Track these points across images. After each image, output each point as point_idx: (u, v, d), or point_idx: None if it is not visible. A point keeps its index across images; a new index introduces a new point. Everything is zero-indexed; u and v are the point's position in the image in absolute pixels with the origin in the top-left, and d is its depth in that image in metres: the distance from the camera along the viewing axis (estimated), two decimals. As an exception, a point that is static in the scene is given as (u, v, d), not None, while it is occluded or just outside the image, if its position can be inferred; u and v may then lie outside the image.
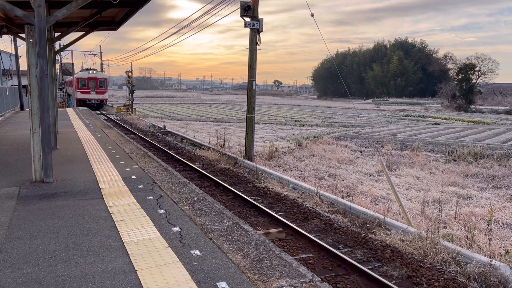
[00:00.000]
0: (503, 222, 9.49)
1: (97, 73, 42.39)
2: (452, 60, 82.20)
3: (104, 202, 5.94)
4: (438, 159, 17.69)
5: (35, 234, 4.67)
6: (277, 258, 4.11)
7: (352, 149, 20.42)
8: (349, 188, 12.33)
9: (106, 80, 42.48)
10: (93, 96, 40.73)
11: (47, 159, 6.98)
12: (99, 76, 42.07)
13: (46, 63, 6.84)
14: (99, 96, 41.12)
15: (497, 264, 6.24)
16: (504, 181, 13.65)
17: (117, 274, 3.73)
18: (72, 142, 11.83)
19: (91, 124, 17.22)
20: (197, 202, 5.93)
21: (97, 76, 41.57)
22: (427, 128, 32.23)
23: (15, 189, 6.60)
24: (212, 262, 3.97)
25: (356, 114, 44.11)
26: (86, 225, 4.99)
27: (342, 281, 6.27)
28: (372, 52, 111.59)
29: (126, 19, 14.06)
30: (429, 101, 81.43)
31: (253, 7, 13.88)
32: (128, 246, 4.36)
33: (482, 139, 24.20)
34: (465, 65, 59.08)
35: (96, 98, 40.75)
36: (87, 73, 41.52)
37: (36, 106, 6.94)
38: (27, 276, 3.68)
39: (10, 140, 12.32)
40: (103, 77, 42.23)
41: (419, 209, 10.05)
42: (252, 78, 14.45)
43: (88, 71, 42.16)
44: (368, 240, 7.62)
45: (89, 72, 41.54)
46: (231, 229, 4.87)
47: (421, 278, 6.24)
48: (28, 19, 6.88)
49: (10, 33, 15.60)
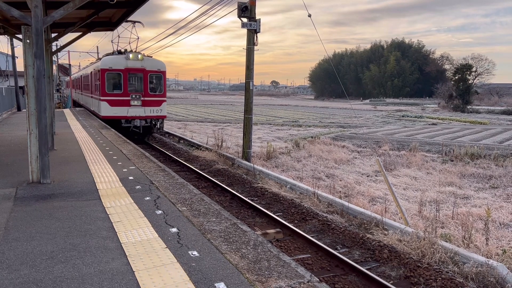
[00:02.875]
0: (500, 222, 9.52)
1: (145, 60, 18.88)
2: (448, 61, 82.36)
3: (102, 203, 5.93)
4: (435, 159, 17.73)
5: (32, 235, 4.65)
6: (275, 258, 4.11)
7: (350, 149, 20.45)
8: (346, 188, 12.34)
9: (163, 75, 19.33)
10: (138, 111, 18.50)
11: (44, 160, 6.95)
12: (150, 66, 18.88)
13: (43, 63, 6.81)
14: (151, 111, 18.84)
15: (494, 264, 6.26)
16: (501, 181, 13.70)
17: (115, 275, 3.72)
18: (69, 143, 11.80)
19: (88, 125, 17.19)
20: (194, 203, 5.92)
21: (145, 66, 18.67)
22: (424, 129, 32.30)
23: (12, 190, 6.57)
24: (210, 263, 3.96)
25: (354, 115, 44.18)
26: (84, 226, 4.97)
27: (340, 281, 6.27)
28: (369, 53, 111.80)
29: (123, 19, 14.04)
30: (426, 101, 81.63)
31: (250, 8, 13.88)
32: (125, 247, 4.35)
33: (479, 139, 24.27)
34: (462, 66, 59.28)
35: (144, 116, 18.62)
36: (122, 59, 18.53)
37: (33, 107, 6.92)
38: (24, 277, 3.66)
39: (6, 141, 12.27)
40: (158, 69, 19.08)
41: (417, 209, 10.07)
42: (249, 79, 14.46)
43: (124, 54, 18.99)
44: (365, 240, 7.63)
45: (128, 57, 18.42)
46: (229, 230, 4.87)
47: (418, 278, 6.25)
48: (24, 20, 6.85)
49: (6, 33, 15.54)
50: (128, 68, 18.11)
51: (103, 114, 18.41)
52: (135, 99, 18.22)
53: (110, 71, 18.06)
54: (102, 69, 18.13)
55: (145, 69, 18.39)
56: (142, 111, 18.38)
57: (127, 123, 18.22)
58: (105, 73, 18.04)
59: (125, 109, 18.10)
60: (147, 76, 18.47)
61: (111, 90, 18.19)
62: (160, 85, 19.08)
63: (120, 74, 18.11)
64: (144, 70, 18.37)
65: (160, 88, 19.04)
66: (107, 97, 18.11)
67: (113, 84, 18.33)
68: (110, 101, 18.12)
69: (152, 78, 18.81)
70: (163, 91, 19.05)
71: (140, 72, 18.37)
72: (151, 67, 18.58)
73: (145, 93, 18.42)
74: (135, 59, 18.23)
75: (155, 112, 18.72)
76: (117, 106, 18.04)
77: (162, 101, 19.00)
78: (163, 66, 19.14)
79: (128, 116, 18.16)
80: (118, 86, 18.22)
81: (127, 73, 18.14)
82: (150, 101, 18.59)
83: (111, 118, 18.10)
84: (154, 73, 18.72)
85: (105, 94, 18.12)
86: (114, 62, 18.19)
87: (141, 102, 18.31)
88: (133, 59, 18.20)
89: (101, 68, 18.16)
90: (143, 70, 18.37)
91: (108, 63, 18.27)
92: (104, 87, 18.12)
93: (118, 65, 18.05)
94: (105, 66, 18.17)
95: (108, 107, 18.15)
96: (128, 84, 18.22)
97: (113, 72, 18.09)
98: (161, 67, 18.98)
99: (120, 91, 18.10)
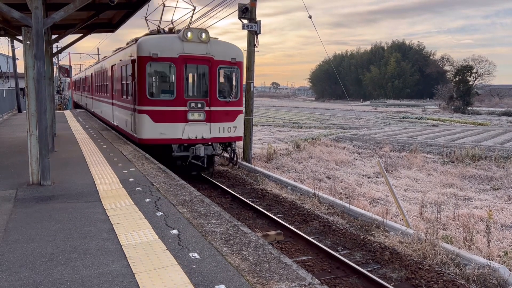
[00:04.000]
0: (502, 223, 9.50)
1: (212, 44, 11.41)
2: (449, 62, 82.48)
3: (102, 204, 5.91)
4: (436, 160, 17.70)
5: (32, 237, 4.63)
6: (276, 260, 4.09)
7: (350, 150, 20.43)
8: (347, 190, 12.32)
9: (239, 70, 12.02)
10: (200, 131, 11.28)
11: (44, 162, 6.94)
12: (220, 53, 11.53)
13: (43, 65, 6.81)
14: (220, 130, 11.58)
15: (496, 265, 6.24)
16: (502, 183, 13.67)
17: (115, 277, 3.70)
18: (70, 144, 11.79)
19: (89, 126, 17.17)
20: (195, 204, 5.90)
21: (213, 52, 11.35)
22: (425, 130, 32.28)
23: (12, 192, 6.55)
24: (210, 265, 3.94)
25: (354, 116, 44.17)
26: (84, 228, 4.96)
27: (341, 283, 6.25)
28: (370, 54, 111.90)
29: (124, 21, 14.05)
30: (427, 103, 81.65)
31: (250, 9, 13.90)
32: (126, 249, 4.33)
33: (480, 141, 24.24)
34: (462, 67, 59.31)
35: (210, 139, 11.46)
36: (175, 40, 11.10)
37: (33, 108, 6.91)
38: (24, 279, 3.64)
39: (7, 143, 12.26)
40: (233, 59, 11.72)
41: (418, 211, 10.05)
42: (250, 80, 14.45)
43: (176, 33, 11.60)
44: (367, 242, 7.61)
45: (185, 37, 10.98)
46: (230, 232, 4.85)
47: (420, 280, 6.22)
48: (25, 21, 6.85)
49: (7, 35, 15.55)
50: (185, 56, 10.86)
51: (143, 135, 10.95)
52: (196, 109, 11.04)
53: (155, 61, 10.80)
54: (142, 58, 10.76)
55: (213, 58, 11.16)
56: (207, 129, 11.18)
57: (182, 151, 11.18)
58: (146, 64, 10.75)
59: (180, 127, 10.91)
60: (215, 69, 11.24)
61: (156, 94, 11.21)
62: (236, 85, 11.83)
63: (171, 66, 10.95)
64: (211, 59, 11.15)
65: (235, 90, 11.77)
66: (149, 107, 10.83)
67: (160, 84, 11.48)
68: (154, 113, 10.83)
69: (224, 73, 11.82)
70: (239, 96, 11.80)
71: (204, 63, 11.17)
72: (221, 54, 11.35)
73: (211, 100, 11.23)
74: (197, 40, 10.95)
75: (227, 131, 11.50)
76: (166, 121, 10.86)
77: (237, 112, 11.78)
78: (240, 54, 11.82)
79: (185, 140, 11.00)
80: (168, 88, 11.28)
81: (184, 64, 10.89)
82: (220, 113, 11.35)
83: (156, 143, 10.90)
84: (226, 66, 11.53)
85: (146, 102, 10.88)
86: (163, 46, 10.82)
87: (204, 116, 11.13)
88: (193, 41, 10.91)
89: (140, 56, 10.80)
90: (209, 60, 11.15)
91: (152, 46, 10.73)
92: (143, 89, 10.86)
93: (169, 50, 10.80)
94: (146, 52, 10.68)
95: (150, 124, 10.83)
96: (185, 84, 11.09)
97: (160, 62, 10.89)
98: (237, 56, 11.67)
99: (171, 96, 10.97)
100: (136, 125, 11.25)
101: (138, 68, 10.92)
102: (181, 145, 11.16)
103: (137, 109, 11.13)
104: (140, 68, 10.88)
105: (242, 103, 12.39)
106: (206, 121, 11.23)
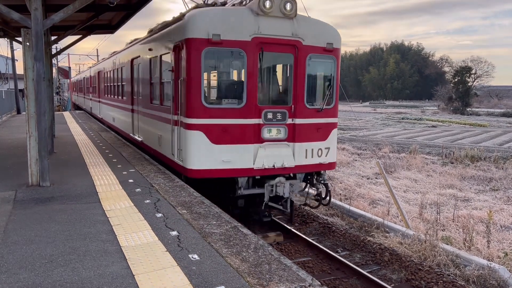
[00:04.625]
0: (501, 224, 9.51)
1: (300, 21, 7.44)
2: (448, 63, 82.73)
3: (101, 206, 5.90)
4: (435, 161, 17.72)
5: (31, 239, 4.62)
6: (276, 262, 4.08)
7: (350, 151, 20.44)
8: (347, 191, 12.32)
9: (336, 60, 7.97)
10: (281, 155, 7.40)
11: (43, 163, 6.93)
12: (311, 34, 7.53)
13: (42, 66, 6.80)
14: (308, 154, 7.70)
15: (496, 267, 6.24)
16: (501, 184, 13.69)
17: (115, 279, 3.69)
18: (69, 145, 11.78)
19: (88, 128, 17.17)
20: (194, 206, 5.89)
21: (302, 33, 7.39)
22: (424, 131, 32.31)
23: (12, 193, 6.54)
24: (210, 266, 3.94)
25: (353, 117, 44.19)
26: (83, 229, 4.95)
27: (341, 284, 6.25)
28: (369, 55, 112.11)
29: (123, 22, 14.05)
30: (426, 103, 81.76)
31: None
32: (125, 250, 4.33)
33: (479, 142, 24.26)
34: (461, 68, 59.45)
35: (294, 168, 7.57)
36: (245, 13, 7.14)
37: (32, 110, 6.90)
38: (23, 281, 3.63)
39: (6, 144, 12.25)
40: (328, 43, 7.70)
41: (417, 212, 10.05)
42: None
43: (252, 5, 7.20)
44: (366, 243, 7.61)
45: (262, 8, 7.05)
46: (230, 233, 4.84)
47: (420, 281, 6.22)
48: (24, 22, 6.84)
49: (6, 36, 15.56)
50: (261, 39, 7.27)
51: (193, 164, 7.28)
52: (275, 122, 7.50)
53: (217, 46, 7.12)
54: (194, 42, 7.11)
55: (301, 43, 7.54)
56: (289, 153, 7.59)
57: (251, 188, 7.64)
58: (202, 51, 7.09)
59: (250, 150, 7.35)
60: (303, 60, 7.62)
61: (216, 99, 7.91)
62: (331, 85, 8.07)
63: (241, 54, 7.29)
64: (298, 44, 7.53)
65: (329, 93, 8.02)
66: (205, 119, 7.21)
67: (223, 83, 8.11)
68: (213, 129, 7.21)
69: (315, 66, 7.96)
70: (334, 102, 8.12)
71: (288, 50, 7.58)
72: (313, 38, 7.68)
73: (297, 107, 7.63)
74: (279, 15, 7.37)
75: (317, 155, 7.93)
76: (231, 142, 7.28)
77: (331, 126, 8.13)
78: (338, 37, 8.08)
79: (258, 170, 7.42)
80: (235, 89, 7.71)
81: (259, 51, 7.30)
82: (308, 127, 7.79)
83: (215, 175, 7.35)
84: (319, 55, 7.82)
85: (200, 111, 7.20)
86: (228, 23, 7.21)
87: (286, 132, 7.56)
88: (273, 15, 7.32)
89: (191, 39, 7.13)
90: (295, 46, 7.53)
91: (211, 24, 7.13)
92: (196, 92, 7.16)
93: (237, 30, 7.21)
94: (203, 33, 7.07)
95: (206, 147, 7.21)
96: (260, 83, 7.57)
97: (224, 48, 7.20)
98: (335, 40, 7.97)
99: (239, 103, 7.35)
100: (182, 147, 7.35)
101: (188, 58, 7.04)
102: (250, 178, 7.45)
103: (184, 123, 7.21)
104: (192, 58, 6.99)
105: (337, 112, 8.24)
106: (289, 140, 7.46)
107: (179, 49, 7.49)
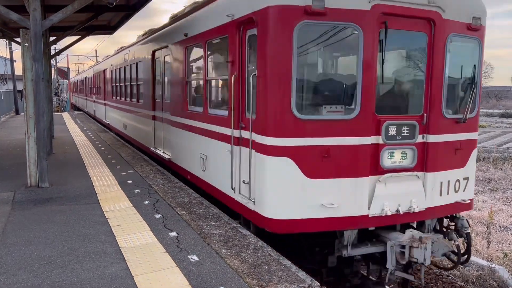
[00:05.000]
0: (500, 225, 9.51)
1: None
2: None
3: (100, 207, 5.89)
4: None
5: (30, 240, 4.61)
6: (275, 262, 4.08)
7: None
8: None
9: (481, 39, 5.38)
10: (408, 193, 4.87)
11: (42, 164, 6.92)
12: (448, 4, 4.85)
13: (41, 67, 6.79)
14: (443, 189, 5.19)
15: (496, 267, 6.24)
16: (500, 184, 13.69)
17: (114, 280, 3.68)
18: (68, 146, 11.76)
19: (87, 129, 17.15)
20: (194, 206, 5.89)
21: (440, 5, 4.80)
22: (423, 131, 32.28)
23: (10, 194, 6.53)
24: (209, 267, 3.93)
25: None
26: (82, 230, 4.94)
27: (341, 284, 6.22)
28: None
29: (122, 23, 14.04)
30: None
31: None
32: (124, 251, 4.32)
33: (478, 142, 24.27)
34: (460, 69, 59.34)
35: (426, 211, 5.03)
36: None
37: (31, 111, 6.89)
38: (22, 282, 3.62)
39: (5, 145, 12.23)
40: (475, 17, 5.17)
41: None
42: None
43: None
44: (366, 243, 7.59)
45: None
46: (229, 234, 4.84)
47: (419, 282, 6.21)
48: (23, 23, 6.83)
49: (5, 37, 15.55)
50: (384, 7, 4.61)
51: (276, 211, 4.68)
52: (400, 141, 4.91)
53: (316, 18, 4.43)
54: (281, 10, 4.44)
55: (440, 15, 4.91)
56: (420, 189, 5.06)
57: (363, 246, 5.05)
58: (295, 26, 4.41)
59: (363, 186, 4.75)
60: (442, 43, 5.00)
61: (312, 106, 4.89)
62: (474, 80, 5.45)
63: (354, 32, 4.63)
64: (436, 16, 4.90)
65: (473, 92, 5.40)
66: (295, 138, 4.59)
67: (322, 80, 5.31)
68: (308, 154, 4.63)
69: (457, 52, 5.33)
70: (476, 107, 5.58)
71: (418, 28, 4.93)
72: (456, 8, 5.07)
73: (431, 117, 5.07)
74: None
75: (454, 189, 5.50)
76: (332, 175, 4.68)
77: (471, 144, 5.69)
78: (484, 9, 5.47)
79: (374, 218, 4.82)
80: (342, 89, 5.05)
81: (379, 28, 4.65)
82: (445, 147, 5.23)
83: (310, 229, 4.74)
84: (462, 35, 5.23)
85: (287, 126, 4.59)
86: None
87: (414, 156, 5.00)
88: None
89: (274, 6, 4.47)
90: (432, 18, 4.89)
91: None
92: (282, 93, 4.55)
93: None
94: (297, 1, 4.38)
95: (297, 183, 4.61)
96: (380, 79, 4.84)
97: (328, 22, 4.53)
98: (482, 13, 5.40)
99: (347, 111, 4.76)
100: (253, 180, 5.01)
101: (270, 40, 4.59)
102: (361, 231, 5.04)
103: (260, 144, 4.82)
104: (277, 39, 4.56)
105: (478, 123, 5.88)
106: (417, 169, 5.07)
107: (249, 26, 5.00)
